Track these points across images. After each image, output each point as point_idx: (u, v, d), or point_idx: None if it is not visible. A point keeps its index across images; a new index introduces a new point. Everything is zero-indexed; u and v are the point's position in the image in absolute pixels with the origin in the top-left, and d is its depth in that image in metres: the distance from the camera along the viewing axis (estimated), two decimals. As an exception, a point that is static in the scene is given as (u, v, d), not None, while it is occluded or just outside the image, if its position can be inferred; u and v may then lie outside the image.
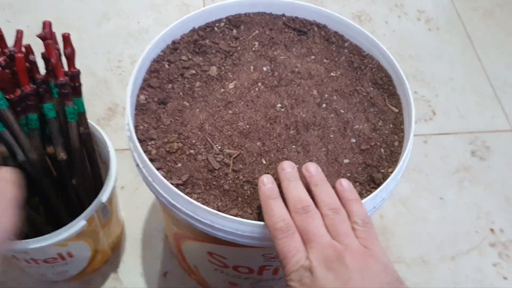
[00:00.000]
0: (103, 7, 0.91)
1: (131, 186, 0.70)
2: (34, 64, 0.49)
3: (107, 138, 0.54)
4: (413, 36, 0.94)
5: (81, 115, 0.53)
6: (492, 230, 0.70)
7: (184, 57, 0.50)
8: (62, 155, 0.51)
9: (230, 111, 0.46)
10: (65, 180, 0.54)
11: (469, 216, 0.71)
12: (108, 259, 0.63)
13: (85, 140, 0.54)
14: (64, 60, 0.49)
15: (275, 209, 0.37)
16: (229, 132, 0.45)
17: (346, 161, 0.45)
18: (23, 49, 0.49)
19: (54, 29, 0.47)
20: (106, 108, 0.77)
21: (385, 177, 0.44)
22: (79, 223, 0.49)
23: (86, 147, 0.55)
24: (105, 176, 0.59)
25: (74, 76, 0.51)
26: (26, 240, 0.48)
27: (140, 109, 0.47)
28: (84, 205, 0.56)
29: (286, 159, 0.44)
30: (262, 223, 0.38)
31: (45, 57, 0.48)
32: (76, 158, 0.53)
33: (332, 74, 0.50)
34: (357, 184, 0.44)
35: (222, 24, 0.53)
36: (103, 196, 0.51)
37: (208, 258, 0.50)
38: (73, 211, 0.56)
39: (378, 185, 0.44)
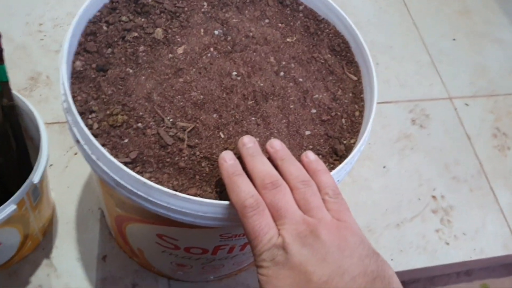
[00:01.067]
0: (17, -38, 0.80)
1: (61, 164, 0.63)
2: None
3: (35, 111, 0.48)
4: (352, 3, 0.92)
5: (4, 85, 0.46)
6: (433, 197, 0.71)
7: (124, 18, 0.44)
8: (-19, 131, 0.44)
9: (181, 79, 0.42)
10: (-14, 159, 0.47)
11: (411, 184, 0.72)
12: (39, 244, 0.56)
13: (9, 113, 0.47)
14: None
15: (242, 185, 0.34)
16: (181, 103, 0.40)
17: (307, 132, 0.42)
18: None
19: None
20: (27, 78, 0.69)
21: (347, 148, 0.42)
22: (8, 208, 0.42)
23: (11, 121, 0.48)
24: (32, 154, 0.52)
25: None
26: None
27: (76, 77, 0.41)
28: (8, 187, 0.50)
29: (246, 132, 0.40)
30: (225, 202, 0.35)
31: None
32: (0, 133, 0.46)
33: (288, 39, 0.47)
34: (320, 156, 0.41)
35: (166, -19, 0.48)
36: (35, 177, 0.45)
37: (156, 240, 0.45)
38: (-4, 194, 0.49)
39: (341, 157, 0.42)
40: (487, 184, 0.75)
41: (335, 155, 0.42)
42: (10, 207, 0.43)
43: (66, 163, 0.63)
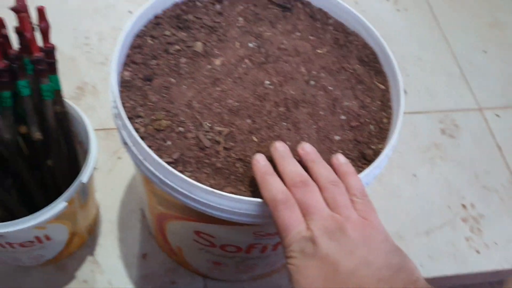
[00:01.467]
0: (67, -19, 0.86)
1: (105, 168, 0.67)
2: (6, 38, 0.46)
3: (84, 117, 0.52)
4: (382, 16, 0.95)
5: (57, 93, 0.50)
6: (463, 205, 0.72)
7: (167, 32, 0.48)
8: (37, 135, 0.49)
9: (218, 88, 0.45)
10: (40, 161, 0.52)
11: (441, 193, 0.73)
12: (85, 242, 0.61)
13: (61, 119, 0.52)
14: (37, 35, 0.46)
15: (273, 183, 0.37)
16: (218, 110, 0.44)
17: (337, 138, 0.45)
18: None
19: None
20: (75, 87, 0.74)
21: (376, 153, 0.45)
22: (59, 205, 0.47)
23: (62, 126, 0.52)
24: (82, 157, 0.57)
25: (50, 52, 0.48)
26: (4, 223, 0.45)
27: (124, 86, 0.45)
28: (60, 187, 0.54)
29: (277, 136, 0.43)
30: (259, 200, 0.38)
31: (19, 31, 0.45)
32: (52, 138, 0.51)
33: (318, 51, 0.50)
34: (349, 160, 0.44)
35: (205, -2, 0.52)
36: (84, 177, 0.49)
37: (194, 237, 0.49)
38: (48, 194, 0.54)
39: (369, 161, 0.44)
40: (518, 194, 0.75)
41: (363, 160, 0.44)
42: (61, 204, 0.47)
43: (111, 167, 0.67)
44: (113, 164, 0.68)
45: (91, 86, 0.75)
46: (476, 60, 0.91)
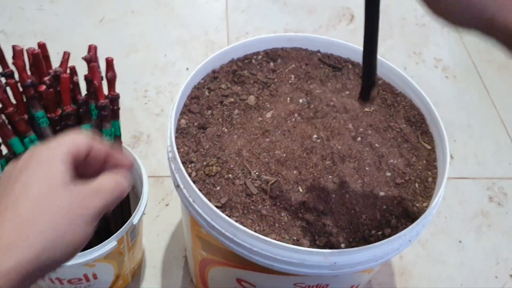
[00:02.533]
0: (132, 40, 0.94)
1: (152, 214, 0.70)
2: (76, 85, 0.50)
3: (141, 163, 0.55)
4: (431, 82, 0.96)
5: (117, 138, 0.54)
6: (511, 276, 0.69)
7: (223, 86, 0.52)
8: (95, 176, 0.52)
9: (267, 139, 0.47)
10: (95, 201, 0.55)
11: (488, 261, 0.71)
12: (128, 285, 0.62)
13: (118, 162, 0.55)
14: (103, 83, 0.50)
15: None
16: (266, 159, 0.46)
17: (381, 194, 0.45)
18: (68, 70, 0.50)
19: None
20: (131, 136, 0.78)
21: (420, 211, 0.45)
22: (110, 243, 0.49)
23: (118, 169, 0.55)
24: (132, 201, 0.59)
25: (114, 99, 0.52)
26: (56, 257, 0.47)
27: (180, 133, 0.48)
28: (110, 228, 0.56)
29: (323, 188, 0.44)
30: (303, 248, 0.39)
31: (88, 79, 0.50)
32: (108, 179, 0.54)
33: (366, 109, 0.52)
34: (393, 217, 0.44)
35: (260, 56, 0.55)
36: (135, 218, 0.51)
37: (235, 285, 0.49)
38: (98, 234, 0.56)
39: (413, 219, 0.44)
40: None
41: (407, 217, 0.45)
42: (111, 243, 0.50)
43: (157, 213, 0.69)
44: (159, 211, 0.70)
45: (145, 135, 0.79)
46: (527, 130, 0.90)
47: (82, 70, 0.49)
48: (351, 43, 0.56)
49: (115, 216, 0.56)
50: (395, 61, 0.98)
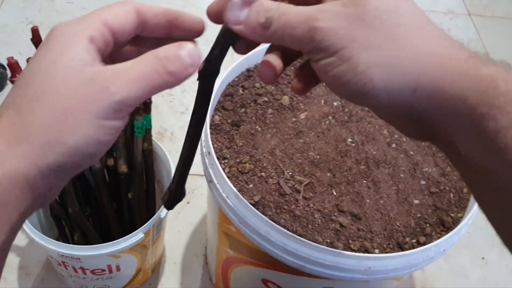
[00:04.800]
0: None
1: (174, 210, 0.69)
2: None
3: (169, 156, 0.55)
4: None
5: (148, 131, 0.54)
6: (536, 296, 0.68)
7: (257, 85, 0.51)
8: (124, 168, 0.52)
9: (301, 140, 0.47)
10: (121, 193, 0.55)
11: (511, 279, 0.69)
12: (147, 280, 0.62)
13: (146, 156, 0.55)
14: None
15: None
16: (300, 160, 0.45)
17: (416, 201, 0.45)
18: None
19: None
20: (156, 132, 0.78)
21: (455, 221, 0.44)
22: (137, 235, 0.49)
23: (147, 163, 0.55)
24: (158, 194, 0.59)
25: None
26: (83, 246, 0.47)
27: (214, 129, 0.47)
28: (135, 221, 0.56)
29: (357, 193, 0.44)
30: (336, 250, 0.38)
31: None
32: (136, 172, 0.53)
33: (400, 116, 0.51)
34: (427, 225, 0.43)
35: (295, 57, 0.55)
36: (163, 212, 0.51)
37: (259, 285, 0.49)
38: (123, 226, 0.56)
39: (448, 228, 0.43)
40: None
41: (442, 226, 0.44)
42: (138, 235, 0.49)
43: (179, 210, 0.69)
44: (181, 208, 0.70)
45: (169, 132, 0.79)
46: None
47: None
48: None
49: (140, 209, 0.56)
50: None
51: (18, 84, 0.24)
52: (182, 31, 0.27)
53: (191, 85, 0.87)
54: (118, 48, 0.27)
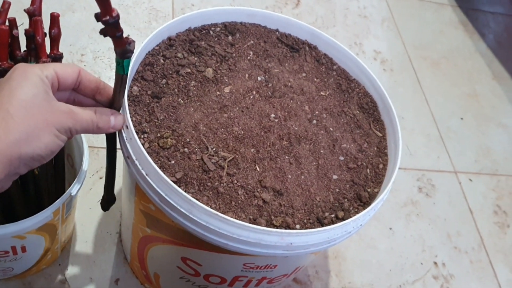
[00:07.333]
0: (68, -1, 0.87)
1: (85, 187, 0.65)
2: (16, 39, 0.45)
3: (81, 130, 0.51)
4: (370, 74, 0.99)
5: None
6: (435, 263, 0.73)
7: (179, 55, 0.49)
8: (30, 141, 0.47)
9: (225, 115, 0.46)
10: (27, 168, 0.50)
11: (415, 248, 0.74)
12: (56, 260, 0.58)
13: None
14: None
15: None
16: (224, 135, 0.44)
17: (335, 177, 0.45)
18: (7, 22, 0.45)
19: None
20: (64, 101, 0.73)
21: (371, 196, 0.45)
22: (45, 213, 0.45)
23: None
24: (68, 170, 0.55)
25: (57, 59, 0.48)
26: (-17, 227, 0.43)
27: (132, 100, 0.44)
28: (43, 198, 0.52)
29: (279, 168, 0.44)
30: (260, 227, 0.38)
31: (29, 34, 0.45)
32: (44, 145, 0.49)
33: (322, 93, 0.52)
34: (345, 200, 0.44)
35: (218, 29, 0.53)
36: (73, 189, 0.47)
37: (178, 264, 0.47)
38: (28, 204, 0.52)
39: (364, 203, 0.45)
40: (487, 258, 0.77)
41: (359, 201, 0.45)
42: (46, 214, 0.46)
43: (91, 186, 0.65)
44: (93, 184, 0.66)
45: (80, 102, 0.74)
46: (454, 126, 0.95)
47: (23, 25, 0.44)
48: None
49: (47, 185, 0.52)
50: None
51: None
52: (104, 97, 0.39)
53: (105, 51, 0.81)
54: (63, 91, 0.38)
